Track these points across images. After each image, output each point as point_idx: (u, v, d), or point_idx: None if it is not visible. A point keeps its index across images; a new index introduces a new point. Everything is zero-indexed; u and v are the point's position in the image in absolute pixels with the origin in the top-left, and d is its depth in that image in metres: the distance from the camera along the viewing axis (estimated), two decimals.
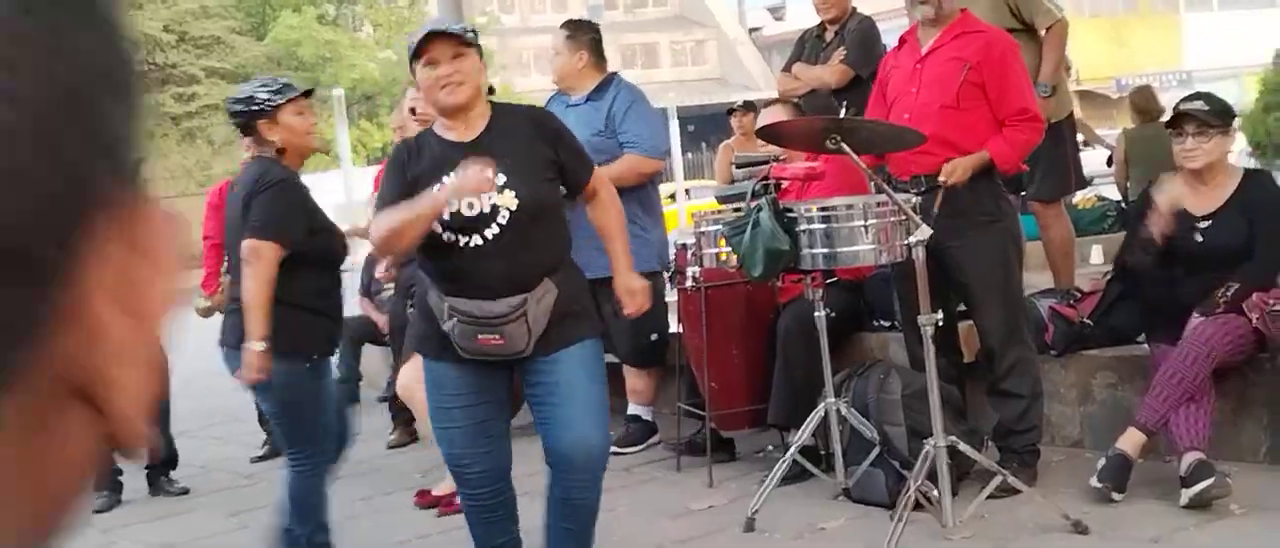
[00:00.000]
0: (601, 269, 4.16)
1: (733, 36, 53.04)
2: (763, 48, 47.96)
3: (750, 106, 9.73)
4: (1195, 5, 51.51)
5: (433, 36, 3.77)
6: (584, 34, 6.43)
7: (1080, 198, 10.08)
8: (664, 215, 6.68)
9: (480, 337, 3.74)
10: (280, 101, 4.39)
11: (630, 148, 6.14)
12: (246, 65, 32.74)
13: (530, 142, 3.77)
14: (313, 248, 4.32)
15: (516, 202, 3.70)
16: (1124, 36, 46.78)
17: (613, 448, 6.28)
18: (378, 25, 38.27)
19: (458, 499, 5.06)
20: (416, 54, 3.78)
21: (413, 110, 5.21)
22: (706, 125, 38.79)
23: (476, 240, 3.71)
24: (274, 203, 4.25)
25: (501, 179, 3.67)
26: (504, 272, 3.70)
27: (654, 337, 6.28)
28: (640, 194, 6.18)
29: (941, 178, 4.82)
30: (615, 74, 6.46)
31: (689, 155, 35.67)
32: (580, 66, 6.32)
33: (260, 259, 4.15)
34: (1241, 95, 25.90)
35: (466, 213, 3.70)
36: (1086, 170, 7.28)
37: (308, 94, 4.56)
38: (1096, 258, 8.61)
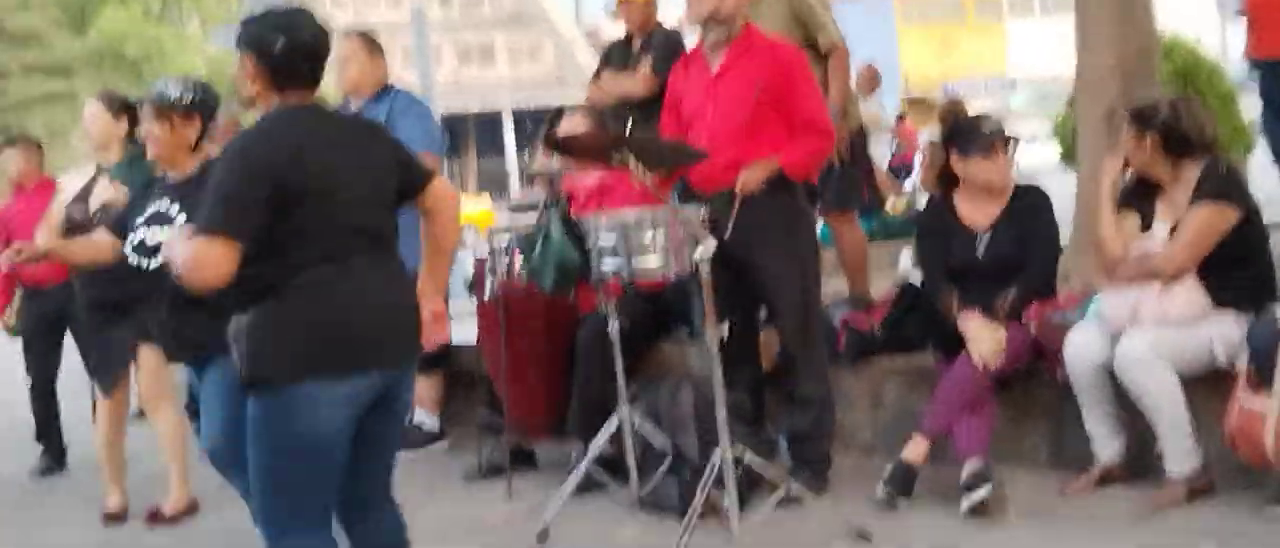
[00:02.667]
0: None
1: (569, 37, 53.07)
2: (599, 49, 48.13)
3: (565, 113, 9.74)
4: (1018, 12, 53.02)
5: None
6: (379, 46, 6.58)
7: (891, 204, 10.32)
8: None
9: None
10: None
11: (407, 144, 6.17)
12: (66, 61, 31.79)
13: None
14: None
15: None
16: (951, 43, 47.97)
17: None
18: (206, 20, 37.45)
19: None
20: None
21: None
22: (541, 125, 38.71)
23: None
24: None
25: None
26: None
27: None
28: None
29: (737, 187, 4.87)
30: (393, 84, 6.56)
31: (524, 155, 35.66)
32: (378, 75, 6.39)
33: None
34: (1060, 101, 26.70)
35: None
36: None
37: None
38: (904, 262, 8.80)
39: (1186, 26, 12.11)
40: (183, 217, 4.52)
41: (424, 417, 6.56)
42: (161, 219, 4.60)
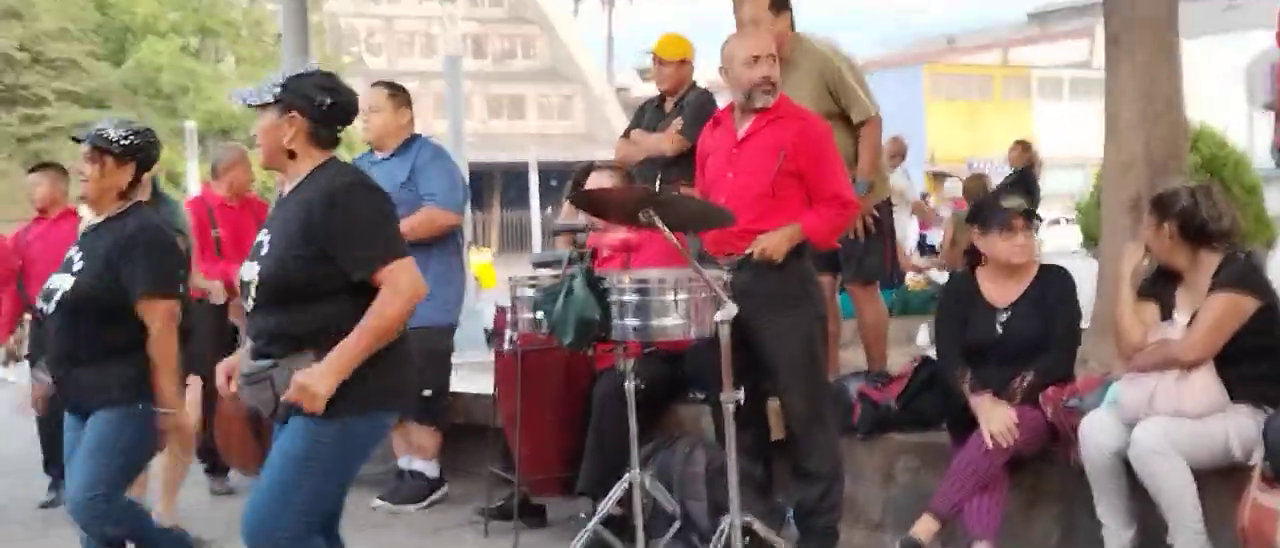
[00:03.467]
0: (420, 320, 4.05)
1: (600, 94, 53.44)
2: (629, 107, 48.39)
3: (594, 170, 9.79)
4: (1046, 94, 53.19)
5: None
6: (405, 95, 6.61)
7: (911, 280, 10.32)
8: (463, 270, 6.74)
9: (242, 392, 3.74)
10: None
11: (429, 200, 6.25)
12: (101, 90, 32.09)
13: (300, 216, 3.59)
14: None
15: (258, 278, 3.62)
16: (977, 121, 48.11)
17: (377, 501, 6.35)
18: (241, 59, 37.79)
19: None
20: None
21: None
22: (569, 180, 38.80)
23: (247, 304, 3.68)
24: None
25: (265, 249, 3.65)
26: (258, 336, 3.66)
27: (426, 393, 6.24)
28: (438, 247, 6.28)
29: (752, 250, 4.88)
30: (419, 134, 6.59)
31: (548, 210, 35.74)
32: (402, 125, 6.42)
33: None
34: (1086, 184, 26.73)
35: (243, 277, 3.70)
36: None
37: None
38: (923, 338, 8.81)
39: (1214, 116, 12.12)
40: (81, 264, 4.42)
41: (423, 465, 6.56)
42: (67, 266, 4.49)
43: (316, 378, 3.46)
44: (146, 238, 4.44)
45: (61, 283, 4.42)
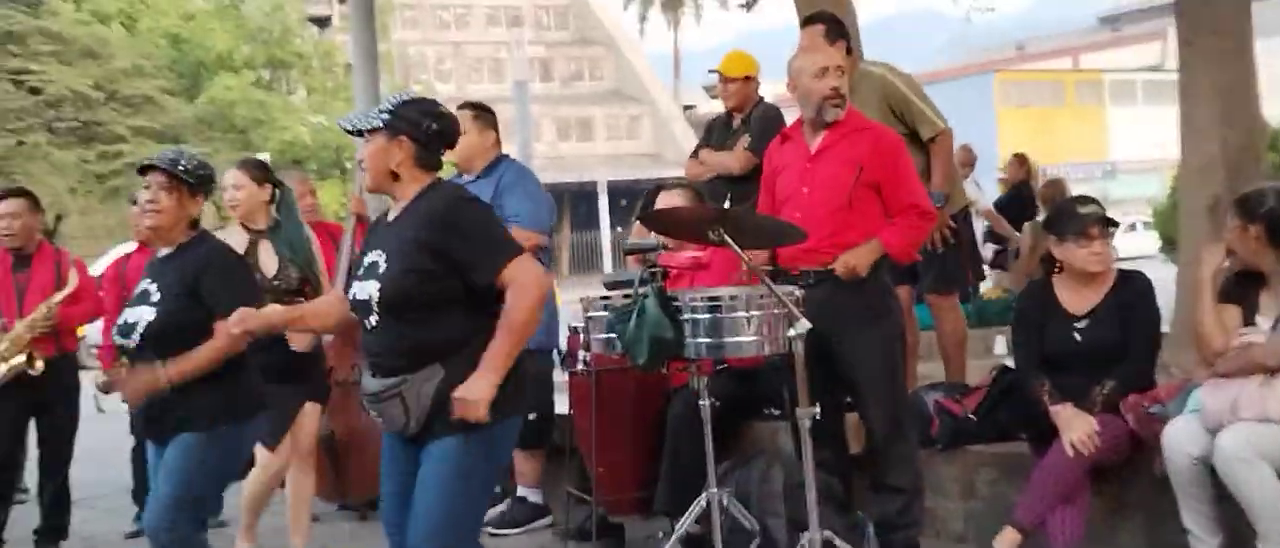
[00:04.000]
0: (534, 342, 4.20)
1: (667, 113, 53.51)
2: (697, 125, 48.42)
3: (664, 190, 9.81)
4: (1119, 99, 52.57)
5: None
6: (490, 117, 6.55)
7: (987, 289, 10.23)
8: (553, 292, 6.71)
9: (370, 411, 3.85)
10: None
11: (513, 221, 6.19)
12: (176, 126, 32.59)
13: (415, 232, 3.75)
14: None
15: (379, 294, 3.74)
16: (1051, 127, 47.63)
17: (491, 530, 6.35)
18: (312, 90, 38.25)
19: None
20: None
21: None
22: (638, 200, 38.84)
23: (368, 322, 3.80)
24: None
25: (382, 267, 3.76)
26: (382, 354, 3.79)
27: (530, 417, 6.24)
28: None
29: (837, 269, 4.87)
30: (506, 155, 6.53)
31: (618, 230, 35.83)
32: (488, 146, 6.39)
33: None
34: (1162, 188, 26.42)
35: (358, 297, 3.82)
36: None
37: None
38: (1000, 348, 8.73)
39: None
40: (159, 294, 4.48)
41: (528, 491, 6.53)
42: (143, 298, 4.54)
43: (478, 388, 3.61)
44: (226, 260, 4.55)
45: (140, 315, 4.46)
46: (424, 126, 3.83)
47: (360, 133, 3.89)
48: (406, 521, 3.80)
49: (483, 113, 6.53)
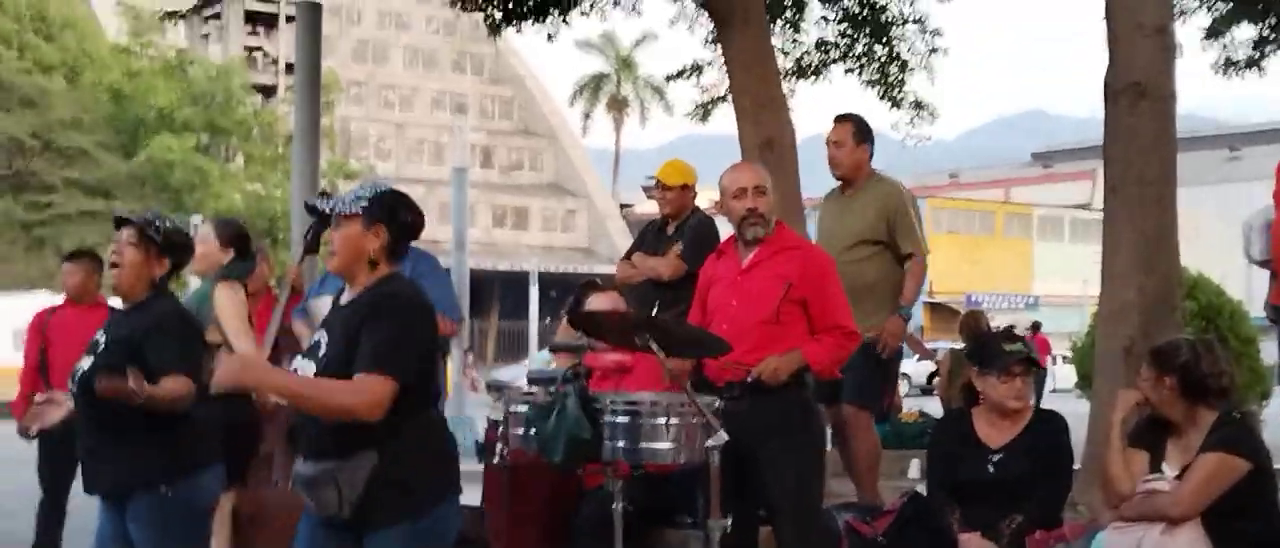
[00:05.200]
0: None
1: (603, 210, 53.79)
2: (633, 224, 48.72)
3: (600, 286, 9.85)
4: (1047, 233, 53.51)
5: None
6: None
7: (905, 411, 10.33)
8: (444, 379, 6.75)
9: (304, 495, 3.83)
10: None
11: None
12: (109, 180, 32.30)
13: (357, 319, 3.78)
14: None
15: (314, 374, 3.76)
16: (979, 256, 48.37)
17: None
18: (251, 158, 38.08)
19: None
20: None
21: None
22: (569, 293, 38.85)
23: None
24: None
25: (323, 349, 3.80)
26: (316, 436, 3.79)
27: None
28: None
29: (756, 372, 4.91)
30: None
31: (547, 320, 35.79)
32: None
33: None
34: (1083, 324, 26.85)
35: (299, 374, 3.81)
36: (913, 382, 7.64)
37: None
38: (914, 472, 8.79)
39: (1214, 263, 12.24)
40: (103, 347, 4.50)
41: None
42: (93, 348, 4.56)
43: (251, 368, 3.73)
44: (174, 323, 4.51)
45: (84, 364, 4.46)
46: (401, 219, 3.88)
47: (318, 213, 3.92)
48: None
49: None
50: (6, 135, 31.65)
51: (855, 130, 6.58)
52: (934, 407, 10.72)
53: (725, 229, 5.49)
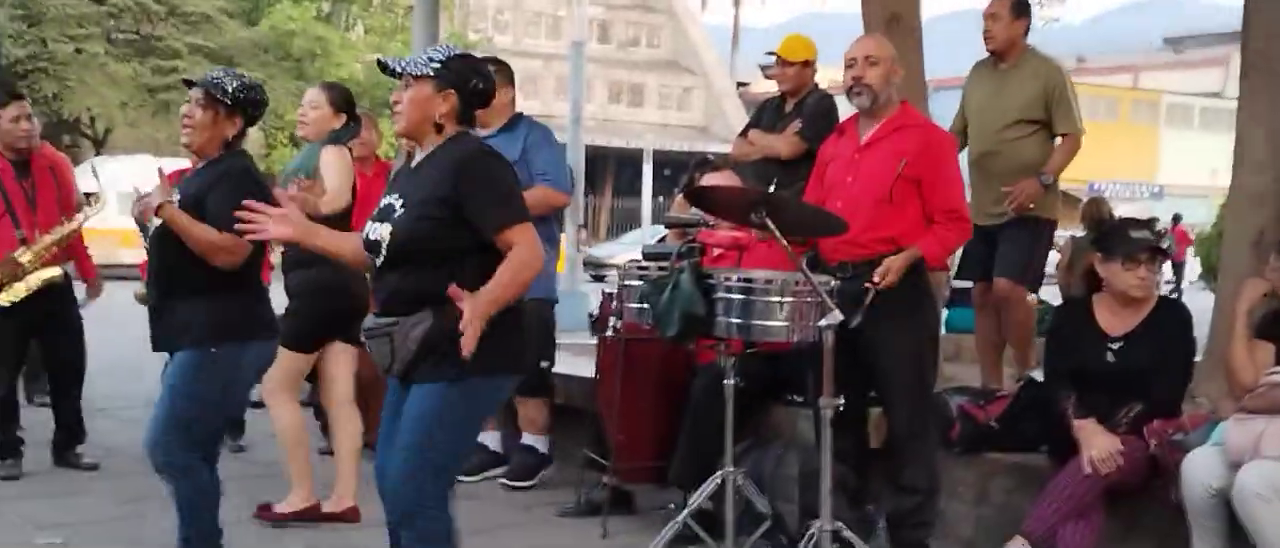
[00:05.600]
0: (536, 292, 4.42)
1: (720, 88, 53.32)
2: (748, 103, 48.29)
3: (714, 164, 9.79)
4: (1175, 121, 52.11)
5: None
6: (509, 73, 6.60)
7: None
8: (557, 250, 6.73)
9: (368, 344, 3.92)
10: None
11: (542, 180, 6.29)
12: (231, 47, 32.69)
13: (434, 180, 3.80)
14: None
15: (390, 237, 3.79)
16: (1104, 143, 47.12)
17: (504, 481, 6.42)
18: (370, 29, 38.24)
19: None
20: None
21: None
22: (683, 171, 38.75)
23: (377, 262, 3.86)
24: None
25: (398, 212, 3.81)
26: (385, 294, 3.87)
27: (542, 364, 6.40)
28: (543, 226, 6.31)
29: (876, 278, 4.89)
30: (522, 113, 6.63)
31: (661, 199, 35.78)
32: (505, 103, 6.41)
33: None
34: (1209, 215, 26.24)
35: (370, 237, 3.87)
36: None
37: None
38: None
39: None
40: (177, 201, 4.54)
41: (535, 440, 6.60)
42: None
43: (468, 319, 3.57)
44: (238, 177, 4.54)
45: (154, 222, 4.53)
46: (471, 83, 3.88)
47: (397, 74, 3.92)
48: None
49: (502, 68, 6.53)
50: (135, 0, 32.12)
51: (1013, 3, 6.45)
52: (1052, 295, 10.54)
53: (846, 109, 5.41)
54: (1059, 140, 6.45)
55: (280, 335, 5.12)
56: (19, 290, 6.44)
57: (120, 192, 9.72)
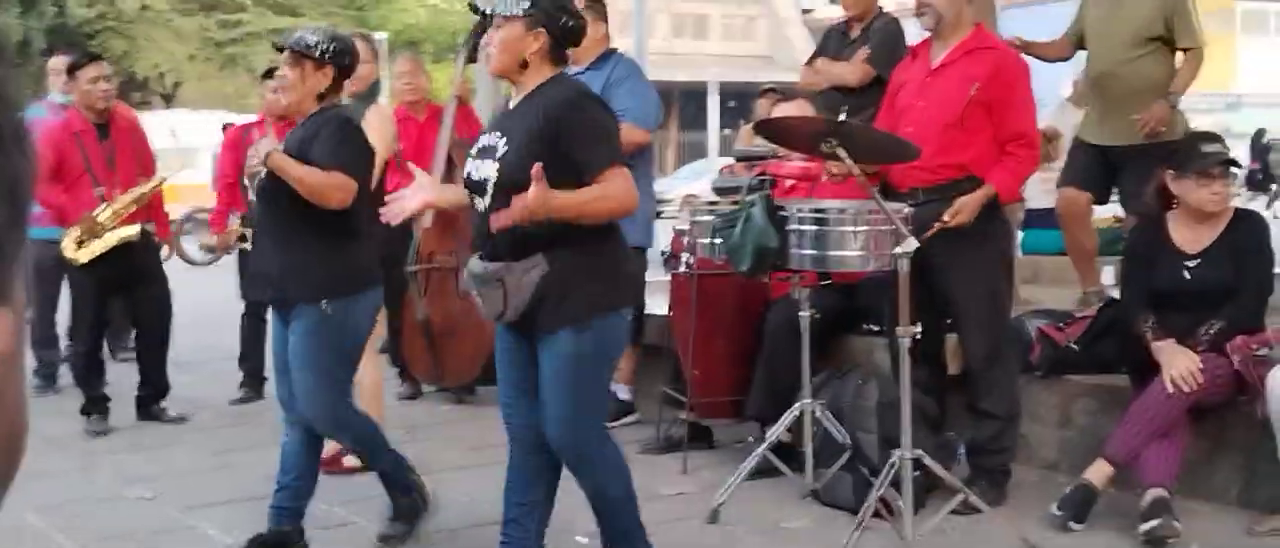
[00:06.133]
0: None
1: (784, 16, 52.84)
2: (814, 30, 47.78)
3: (779, 93, 9.73)
4: (1251, 28, 50.98)
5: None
6: (602, 8, 6.49)
7: (1098, 215, 10.05)
8: (652, 190, 6.67)
9: (474, 293, 3.97)
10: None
11: (622, 116, 6.19)
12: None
13: (536, 121, 3.81)
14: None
15: (497, 175, 3.81)
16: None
17: None
18: None
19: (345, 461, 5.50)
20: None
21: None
22: (749, 102, 38.69)
23: (480, 204, 3.89)
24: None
25: (502, 150, 3.82)
26: (490, 237, 3.85)
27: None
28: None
29: (946, 217, 4.85)
30: (615, 48, 6.53)
31: (727, 131, 35.64)
32: (598, 38, 6.34)
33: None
34: None
35: (474, 177, 3.91)
36: None
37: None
38: (1107, 278, 8.58)
39: None
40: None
41: (618, 388, 6.59)
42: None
43: (543, 201, 3.58)
44: (338, 128, 4.57)
45: (261, 173, 4.57)
46: (561, 22, 3.90)
47: (486, 15, 3.93)
48: (522, 406, 3.97)
49: (594, 3, 6.46)
50: None
51: None
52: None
53: (914, 32, 5.35)
54: (1181, 56, 6.31)
55: None
56: (96, 248, 6.55)
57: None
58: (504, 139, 3.84)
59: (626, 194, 3.78)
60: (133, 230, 6.64)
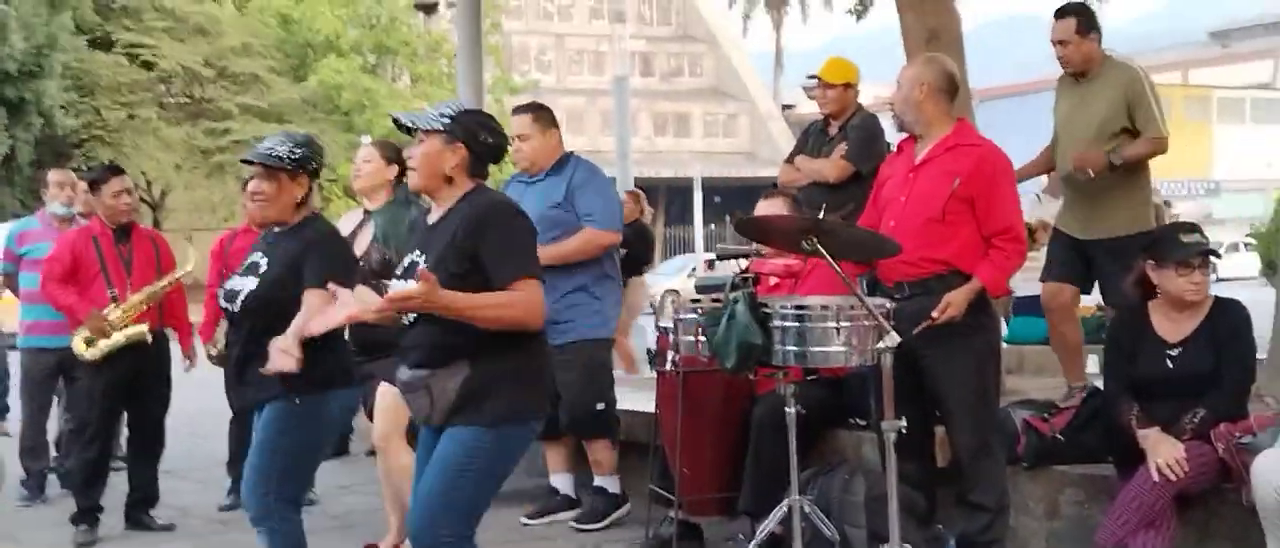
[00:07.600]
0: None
1: (765, 112, 53.38)
2: (794, 125, 48.23)
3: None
4: (1227, 116, 51.59)
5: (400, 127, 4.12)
6: (550, 115, 6.60)
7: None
8: (617, 286, 6.71)
9: (404, 397, 4.08)
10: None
11: (587, 221, 6.30)
12: (281, 105, 33.05)
13: (454, 234, 3.91)
14: None
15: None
16: None
17: (574, 525, 6.43)
18: (417, 78, 38.55)
19: None
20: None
21: None
22: (732, 197, 38.98)
23: (405, 318, 3.98)
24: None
25: (422, 266, 3.89)
26: (415, 348, 3.98)
27: (599, 407, 6.44)
28: (596, 265, 6.39)
29: (935, 314, 4.89)
30: (572, 153, 6.62)
31: (712, 226, 35.83)
32: (552, 146, 6.44)
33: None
34: (1266, 209, 25.92)
35: (396, 295, 3.89)
36: None
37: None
38: (1091, 367, 8.61)
39: None
40: (265, 268, 4.65)
41: (605, 481, 6.61)
42: (252, 269, 4.70)
43: (427, 294, 3.65)
44: (329, 245, 4.66)
45: (245, 285, 4.64)
46: (480, 138, 4.01)
47: (410, 131, 4.01)
48: None
49: (542, 113, 6.55)
50: (182, 64, 32.50)
51: (1078, 24, 6.30)
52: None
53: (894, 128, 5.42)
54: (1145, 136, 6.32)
55: (381, 381, 5.34)
56: (105, 347, 6.59)
57: None
58: (424, 256, 3.95)
59: (531, 306, 3.86)
60: (141, 329, 6.67)
